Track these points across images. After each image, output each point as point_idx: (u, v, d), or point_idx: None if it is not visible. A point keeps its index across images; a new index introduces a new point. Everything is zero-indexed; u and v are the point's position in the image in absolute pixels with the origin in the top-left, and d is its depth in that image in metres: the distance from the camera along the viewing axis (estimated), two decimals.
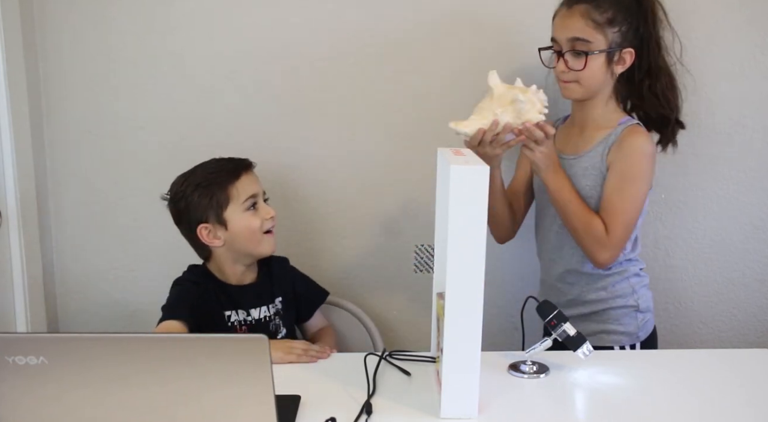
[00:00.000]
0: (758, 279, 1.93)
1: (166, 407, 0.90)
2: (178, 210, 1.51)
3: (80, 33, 1.75)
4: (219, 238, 1.49)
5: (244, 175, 1.51)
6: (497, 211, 1.60)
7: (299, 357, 1.35)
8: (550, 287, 1.64)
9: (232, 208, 1.48)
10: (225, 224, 1.48)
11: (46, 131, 1.79)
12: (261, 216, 1.50)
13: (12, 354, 0.85)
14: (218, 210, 1.47)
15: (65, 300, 1.88)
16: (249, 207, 1.49)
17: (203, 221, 1.48)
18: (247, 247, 1.50)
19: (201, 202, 1.47)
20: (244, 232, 1.48)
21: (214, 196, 1.47)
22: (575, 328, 1.28)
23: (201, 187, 1.48)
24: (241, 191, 1.48)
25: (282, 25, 1.76)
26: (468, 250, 1.08)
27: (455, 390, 1.13)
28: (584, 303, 1.58)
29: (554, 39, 1.51)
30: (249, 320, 1.54)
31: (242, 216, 1.48)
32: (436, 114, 1.82)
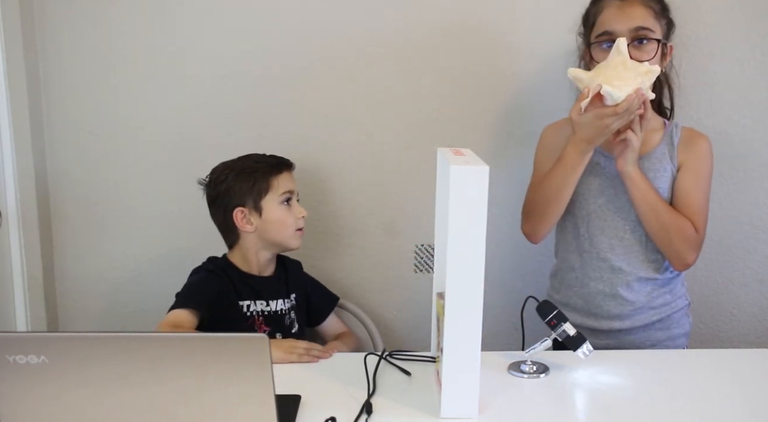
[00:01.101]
0: (758, 279, 1.93)
1: (166, 407, 0.90)
2: (218, 192, 1.57)
3: (80, 33, 1.75)
4: (251, 224, 1.55)
5: (285, 172, 1.58)
6: (564, 199, 1.50)
7: (300, 357, 1.36)
8: (606, 297, 1.53)
9: (270, 197, 1.54)
10: (260, 211, 1.54)
11: (46, 131, 1.79)
12: (293, 214, 1.57)
13: (12, 354, 0.85)
14: (257, 196, 1.54)
15: (65, 300, 1.88)
16: (284, 201, 1.56)
17: (240, 205, 1.54)
18: (276, 237, 1.56)
19: (242, 186, 1.54)
20: (276, 223, 1.55)
21: (256, 182, 1.54)
22: (575, 328, 1.28)
23: (245, 172, 1.55)
24: (281, 185, 1.56)
25: (282, 26, 1.76)
26: (468, 250, 1.08)
27: (455, 389, 1.13)
28: (651, 310, 1.54)
29: (608, 32, 1.44)
30: (267, 311, 1.58)
31: (278, 208, 1.55)
32: (436, 114, 1.83)
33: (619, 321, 1.54)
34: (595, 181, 1.51)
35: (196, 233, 1.86)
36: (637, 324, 1.54)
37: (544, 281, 1.94)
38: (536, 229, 1.57)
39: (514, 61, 1.81)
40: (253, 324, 1.57)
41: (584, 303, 1.56)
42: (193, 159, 1.82)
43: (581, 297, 1.57)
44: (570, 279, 1.58)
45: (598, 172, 1.51)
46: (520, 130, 1.84)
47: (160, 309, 1.91)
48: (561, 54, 1.80)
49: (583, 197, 1.52)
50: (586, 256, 1.54)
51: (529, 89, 1.82)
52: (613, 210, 1.51)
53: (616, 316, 1.54)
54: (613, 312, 1.53)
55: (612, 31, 1.44)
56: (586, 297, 1.56)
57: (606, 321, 1.54)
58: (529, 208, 1.58)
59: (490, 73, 1.81)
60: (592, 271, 1.54)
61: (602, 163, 1.51)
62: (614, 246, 1.51)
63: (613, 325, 1.54)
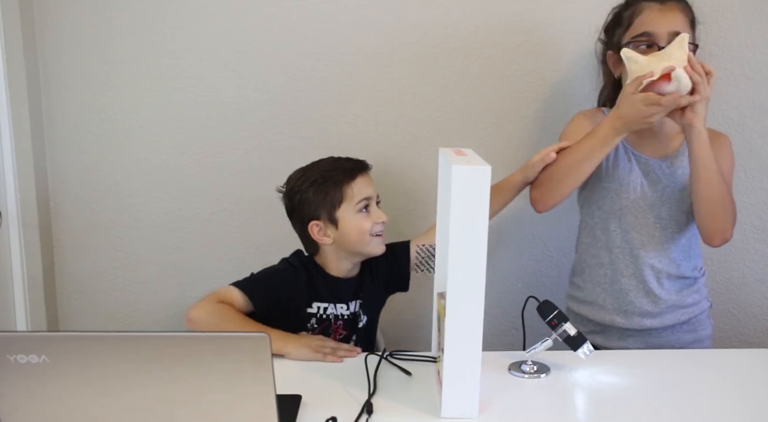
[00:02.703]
0: (758, 279, 1.93)
1: (167, 407, 0.90)
2: (292, 204, 1.52)
3: (80, 33, 1.75)
4: (329, 236, 1.49)
5: (360, 176, 1.50)
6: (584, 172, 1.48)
7: (325, 357, 1.35)
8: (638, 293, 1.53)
9: (345, 207, 1.47)
10: (336, 223, 1.48)
11: (46, 131, 1.79)
12: (372, 219, 1.49)
13: (13, 353, 0.85)
14: (331, 208, 1.47)
15: (65, 300, 1.88)
16: (361, 208, 1.49)
17: (315, 218, 1.48)
18: (355, 247, 1.50)
19: (315, 198, 1.47)
20: (354, 233, 1.48)
21: (329, 194, 1.47)
22: (575, 328, 1.28)
23: (317, 183, 1.48)
24: (356, 192, 1.48)
25: (282, 26, 1.76)
26: (469, 250, 1.08)
27: (456, 389, 1.13)
28: (681, 308, 1.55)
29: (647, 33, 1.45)
30: (348, 314, 1.54)
31: (354, 217, 1.48)
32: (436, 114, 1.82)
33: (650, 319, 1.54)
34: (628, 176, 1.51)
35: (196, 233, 1.86)
36: (667, 323, 1.54)
37: (545, 281, 1.94)
38: (545, 197, 1.54)
39: (515, 61, 1.81)
40: (329, 329, 1.53)
41: (614, 300, 1.55)
42: (193, 159, 1.82)
43: (611, 293, 1.55)
44: (598, 275, 1.57)
45: (630, 168, 1.51)
46: (522, 131, 1.84)
47: (160, 309, 1.92)
48: (563, 55, 1.80)
49: (615, 193, 1.52)
50: (617, 252, 1.53)
51: (530, 89, 1.82)
52: (645, 206, 1.51)
53: (647, 313, 1.54)
54: (645, 308, 1.53)
55: (652, 32, 1.44)
56: (616, 293, 1.55)
57: (637, 319, 1.54)
58: (544, 175, 1.54)
59: (491, 73, 1.81)
60: (624, 267, 1.53)
61: (634, 160, 1.52)
62: (645, 243, 1.52)
63: (644, 323, 1.54)
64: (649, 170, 1.51)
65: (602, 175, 1.53)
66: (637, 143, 1.53)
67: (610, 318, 1.55)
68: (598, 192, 1.54)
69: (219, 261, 1.87)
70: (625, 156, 1.52)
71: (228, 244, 1.87)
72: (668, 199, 1.51)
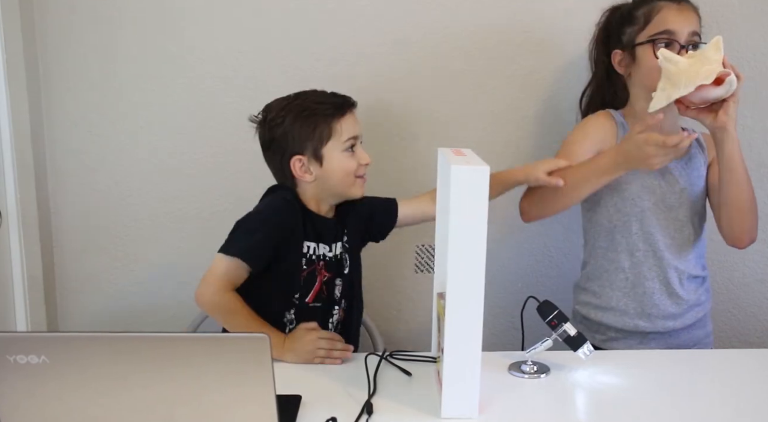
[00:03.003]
0: (758, 280, 1.93)
1: (166, 407, 0.90)
2: (273, 136, 1.41)
3: (80, 33, 1.75)
4: (311, 173, 1.40)
5: (349, 113, 1.41)
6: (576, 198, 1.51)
7: (322, 360, 1.33)
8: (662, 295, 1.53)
9: (332, 144, 1.39)
10: (321, 160, 1.39)
11: (46, 131, 1.79)
12: (357, 160, 1.42)
13: (13, 353, 0.85)
14: (318, 144, 1.38)
15: (65, 300, 1.88)
16: (348, 147, 1.41)
17: (299, 152, 1.39)
18: (337, 188, 1.43)
19: (302, 132, 1.38)
20: (339, 173, 1.40)
21: (317, 128, 1.38)
22: (575, 328, 1.28)
23: (304, 116, 1.38)
24: (345, 129, 1.40)
25: (283, 26, 1.76)
26: (468, 250, 1.08)
27: (456, 390, 1.13)
28: (698, 306, 1.57)
29: (668, 31, 1.45)
30: (330, 256, 1.47)
31: (340, 156, 1.40)
32: (436, 114, 1.82)
33: (672, 320, 1.54)
34: (647, 178, 1.50)
35: (196, 233, 1.86)
36: (687, 323, 1.56)
37: (545, 281, 1.94)
38: (533, 211, 1.56)
39: (515, 61, 1.81)
40: (315, 271, 1.45)
41: (637, 304, 1.54)
42: (193, 159, 1.82)
43: (634, 298, 1.54)
44: (618, 280, 1.54)
45: (647, 170, 1.49)
46: (522, 131, 1.84)
47: (159, 309, 1.92)
48: (563, 55, 1.80)
49: (637, 194, 1.51)
50: (639, 255, 1.52)
51: (530, 89, 1.82)
52: (665, 208, 1.51)
53: (671, 315, 1.54)
54: (669, 310, 1.53)
55: (673, 30, 1.45)
56: (640, 297, 1.53)
57: (661, 321, 1.53)
58: (538, 189, 1.54)
59: (491, 73, 1.81)
60: (648, 270, 1.52)
61: None
62: (668, 244, 1.52)
63: (667, 325, 1.54)
64: (667, 171, 1.51)
65: (622, 178, 1.50)
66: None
67: (633, 322, 1.54)
68: (618, 194, 1.52)
69: None
70: None
71: None
72: (685, 200, 1.52)
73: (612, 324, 1.56)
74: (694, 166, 1.54)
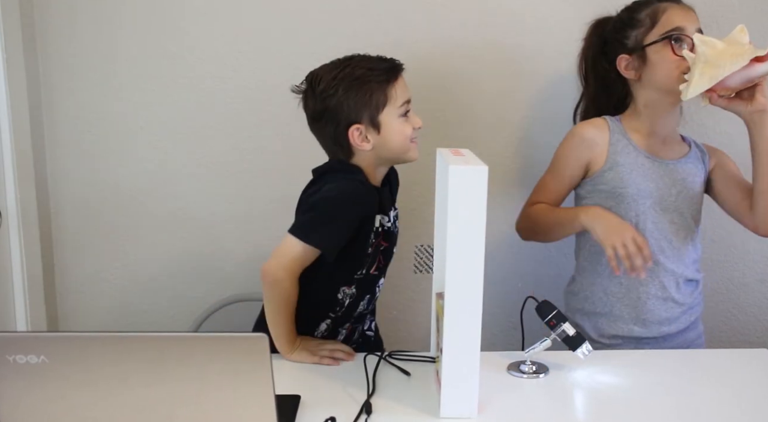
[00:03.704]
0: (758, 280, 1.93)
1: (166, 407, 0.90)
2: (326, 107, 1.34)
3: (80, 33, 1.75)
4: (368, 141, 1.35)
5: (400, 77, 1.38)
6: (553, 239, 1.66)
7: (322, 360, 1.33)
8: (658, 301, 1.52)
9: (389, 110, 1.35)
10: (378, 127, 1.35)
11: (46, 131, 1.79)
12: (412, 124, 1.39)
13: (12, 353, 0.85)
14: (375, 111, 1.33)
15: (65, 300, 1.89)
16: (403, 113, 1.37)
17: (357, 121, 1.34)
18: (395, 153, 1.39)
19: (358, 100, 1.33)
20: (397, 138, 1.36)
21: (374, 95, 1.33)
22: (574, 328, 1.28)
23: (358, 83, 1.33)
24: (399, 94, 1.36)
25: (283, 26, 1.76)
26: (467, 250, 1.08)
27: (455, 390, 1.13)
28: (691, 310, 1.56)
29: (679, 28, 1.45)
30: (388, 226, 1.43)
31: (397, 121, 1.36)
32: (436, 114, 1.83)
33: (667, 325, 1.53)
34: (643, 182, 1.49)
35: (196, 233, 1.86)
36: (681, 327, 1.55)
37: (544, 281, 1.94)
38: (526, 235, 1.64)
39: (515, 61, 1.81)
40: (378, 243, 1.42)
41: (632, 310, 1.53)
42: (193, 159, 1.82)
43: (629, 304, 1.53)
44: (612, 285, 1.53)
45: (644, 172, 1.50)
46: (520, 131, 1.85)
47: (159, 309, 1.92)
48: (563, 55, 1.80)
49: (632, 198, 1.49)
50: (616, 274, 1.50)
51: (529, 90, 1.83)
52: (661, 211, 1.50)
53: (666, 320, 1.53)
54: (664, 315, 1.52)
55: (683, 27, 1.45)
56: (634, 303, 1.52)
57: (656, 327, 1.53)
58: (528, 213, 1.59)
59: (490, 73, 1.81)
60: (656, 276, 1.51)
61: (647, 164, 1.51)
62: (664, 248, 1.50)
63: (662, 330, 1.53)
64: (664, 173, 1.51)
65: (615, 182, 1.50)
66: (651, 147, 1.52)
67: (628, 328, 1.53)
68: (613, 198, 1.50)
69: (219, 262, 1.87)
70: (641, 160, 1.51)
71: (227, 244, 1.87)
72: (682, 201, 1.52)
73: (606, 329, 1.55)
74: (691, 170, 1.54)
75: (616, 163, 1.50)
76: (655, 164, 1.51)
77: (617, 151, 1.51)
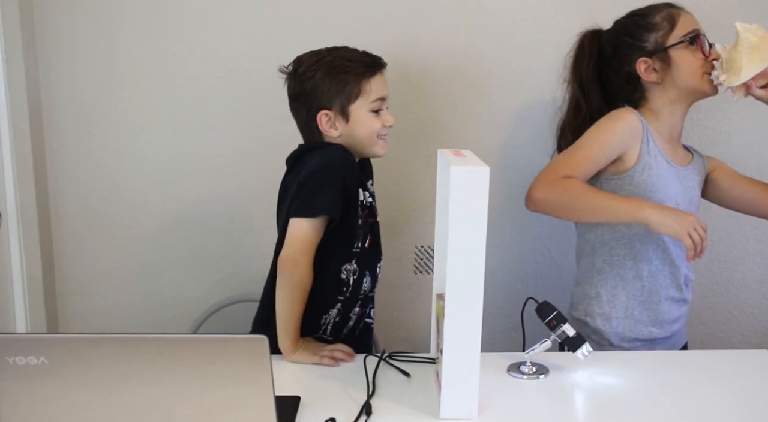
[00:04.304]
0: (758, 280, 1.93)
1: (166, 407, 0.90)
2: (302, 89, 1.41)
3: (80, 33, 1.75)
4: (336, 129, 1.40)
5: (378, 74, 1.42)
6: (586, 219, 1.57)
7: (321, 360, 1.33)
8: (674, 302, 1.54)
9: (360, 103, 1.39)
10: (347, 117, 1.40)
11: (46, 131, 1.79)
12: (382, 121, 1.42)
13: (12, 355, 0.85)
14: (346, 101, 1.39)
15: (65, 300, 1.89)
16: (375, 108, 1.41)
17: (327, 108, 1.39)
18: (360, 145, 1.43)
19: (331, 87, 1.38)
20: (363, 131, 1.40)
21: (347, 85, 1.38)
22: (574, 329, 1.28)
23: (335, 72, 1.38)
24: (374, 89, 1.40)
25: (283, 26, 1.76)
26: (468, 251, 1.08)
27: (455, 391, 1.13)
28: (687, 304, 1.60)
29: (695, 29, 1.49)
30: (369, 201, 1.47)
31: (366, 115, 1.40)
32: (436, 114, 1.83)
33: (677, 324, 1.57)
34: (667, 188, 1.49)
35: (196, 232, 1.86)
36: (683, 323, 1.59)
37: (544, 282, 1.94)
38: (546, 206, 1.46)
39: (515, 61, 1.81)
40: (365, 217, 1.45)
41: (651, 312, 1.52)
42: (193, 159, 1.82)
43: (649, 307, 1.52)
44: (635, 288, 1.52)
45: (667, 179, 1.49)
46: (522, 131, 1.84)
47: (160, 310, 1.92)
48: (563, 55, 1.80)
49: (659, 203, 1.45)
50: (657, 263, 1.51)
51: (530, 89, 1.83)
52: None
53: (677, 319, 1.57)
54: (675, 315, 1.56)
55: (699, 30, 1.50)
56: (654, 306, 1.52)
57: (669, 326, 1.55)
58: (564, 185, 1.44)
59: (490, 74, 1.81)
60: (664, 278, 1.52)
61: (669, 170, 1.51)
62: (681, 252, 1.51)
63: (673, 328, 1.56)
64: (680, 179, 1.53)
65: (646, 186, 1.48)
66: (668, 152, 1.53)
67: (648, 330, 1.53)
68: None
69: (218, 262, 1.88)
70: (664, 165, 1.50)
71: (227, 244, 1.87)
72: (693, 207, 1.55)
73: (626, 333, 1.53)
74: (695, 176, 1.57)
75: (648, 166, 1.48)
76: (673, 170, 1.52)
77: (648, 151, 1.49)
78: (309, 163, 1.39)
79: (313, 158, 1.40)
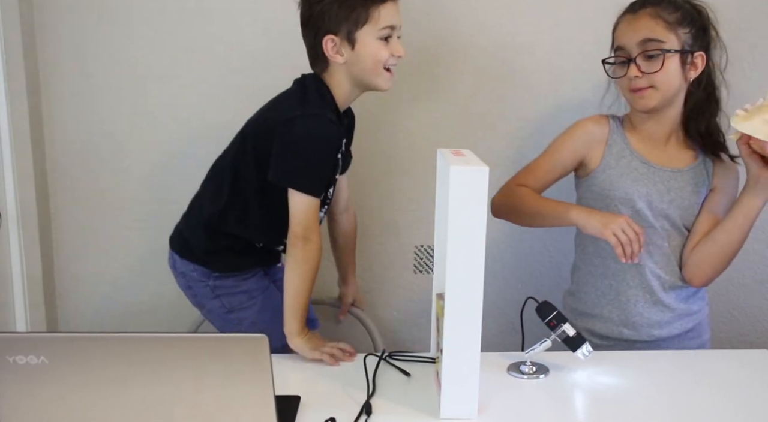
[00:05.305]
0: (758, 280, 1.93)
1: (166, 407, 0.90)
2: (311, 13, 1.38)
3: (80, 33, 1.75)
4: (342, 55, 1.38)
5: (390, 2, 1.38)
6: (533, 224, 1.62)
7: (322, 355, 1.33)
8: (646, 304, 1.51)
9: (368, 29, 1.36)
10: (353, 43, 1.37)
11: (46, 131, 1.79)
12: (390, 50, 1.39)
13: (12, 354, 0.85)
14: (353, 26, 1.36)
15: (65, 300, 1.89)
16: (384, 36, 1.38)
17: (333, 32, 1.37)
18: (365, 74, 1.40)
19: (339, 12, 1.35)
20: (369, 59, 1.38)
21: (355, 10, 1.35)
22: (574, 329, 1.28)
23: None
24: (383, 16, 1.36)
25: (284, 26, 1.76)
26: (468, 251, 1.08)
27: (455, 390, 1.13)
28: (688, 316, 1.54)
29: (620, 47, 1.44)
30: (342, 151, 1.48)
31: (373, 42, 1.37)
32: (436, 114, 1.83)
33: (658, 329, 1.52)
34: (632, 186, 1.48)
35: None
36: (675, 332, 1.53)
37: (544, 281, 1.94)
38: (499, 212, 1.56)
39: (515, 61, 1.81)
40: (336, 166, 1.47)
41: (621, 312, 1.52)
42: (194, 160, 1.82)
43: (618, 306, 1.52)
44: (603, 286, 1.53)
45: (635, 177, 1.49)
46: (522, 131, 1.85)
47: (159, 310, 1.92)
48: (563, 55, 1.80)
49: (620, 201, 1.48)
50: (622, 262, 1.47)
51: (530, 90, 1.83)
52: (651, 216, 1.48)
53: (656, 324, 1.51)
54: (654, 319, 1.51)
55: (623, 45, 1.44)
56: (623, 306, 1.51)
57: (646, 329, 1.51)
58: (513, 193, 1.53)
59: (491, 73, 1.81)
60: (631, 278, 1.51)
61: (640, 169, 1.49)
62: (652, 252, 1.49)
63: (653, 333, 1.51)
64: (658, 179, 1.49)
65: (605, 185, 1.49)
66: (647, 152, 1.50)
67: (618, 330, 1.52)
68: (602, 200, 1.50)
69: None
70: (634, 164, 1.49)
71: None
72: (675, 210, 1.49)
73: (597, 330, 1.54)
74: (690, 180, 1.50)
75: (609, 165, 1.50)
76: (650, 170, 1.49)
77: (612, 152, 1.50)
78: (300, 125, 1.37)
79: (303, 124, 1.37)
